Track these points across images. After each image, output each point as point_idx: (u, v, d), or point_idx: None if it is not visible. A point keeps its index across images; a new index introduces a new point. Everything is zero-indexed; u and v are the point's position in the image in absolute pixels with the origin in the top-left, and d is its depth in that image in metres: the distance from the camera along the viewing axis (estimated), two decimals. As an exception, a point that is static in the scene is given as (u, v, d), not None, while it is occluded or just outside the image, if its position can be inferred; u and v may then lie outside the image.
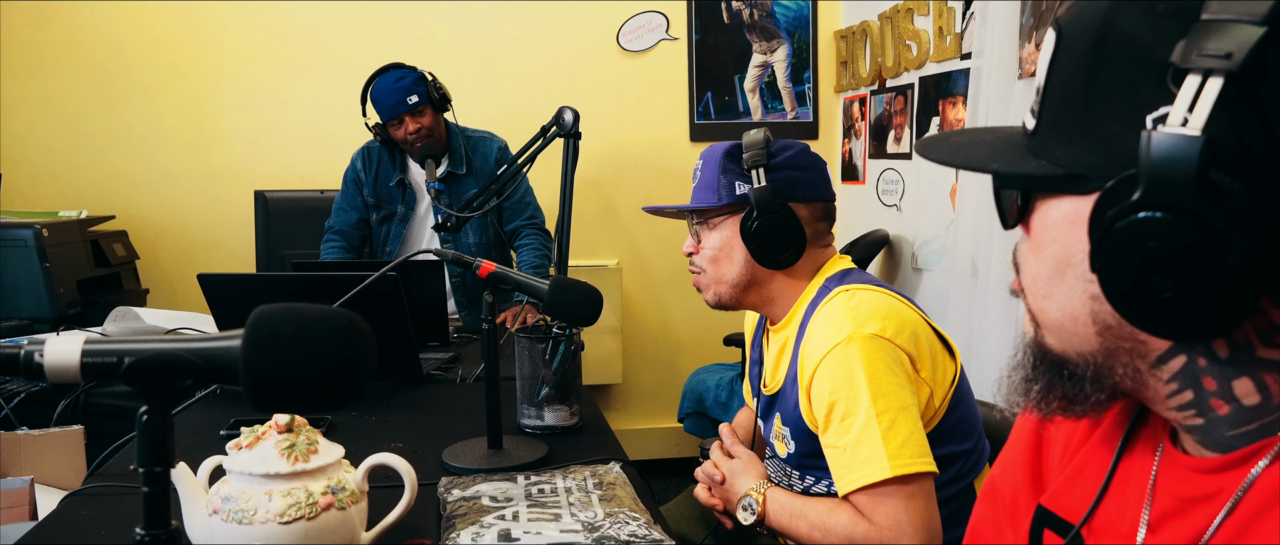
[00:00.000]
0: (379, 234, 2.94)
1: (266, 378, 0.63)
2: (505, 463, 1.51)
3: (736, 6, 3.80)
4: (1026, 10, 2.56)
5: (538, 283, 1.53)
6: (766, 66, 3.86)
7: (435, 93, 2.76)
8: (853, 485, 1.28)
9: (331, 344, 0.64)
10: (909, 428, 1.27)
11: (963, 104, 2.97)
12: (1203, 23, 0.55)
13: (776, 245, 1.43)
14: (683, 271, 3.84)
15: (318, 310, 0.65)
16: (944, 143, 0.76)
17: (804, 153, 1.47)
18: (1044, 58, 0.66)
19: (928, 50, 3.16)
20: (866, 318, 1.31)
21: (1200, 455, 0.66)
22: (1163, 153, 0.55)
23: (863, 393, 1.27)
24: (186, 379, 0.64)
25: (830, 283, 1.44)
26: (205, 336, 0.65)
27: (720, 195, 1.47)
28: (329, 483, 1.09)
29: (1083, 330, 0.66)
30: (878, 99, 3.55)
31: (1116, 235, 0.58)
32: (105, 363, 0.63)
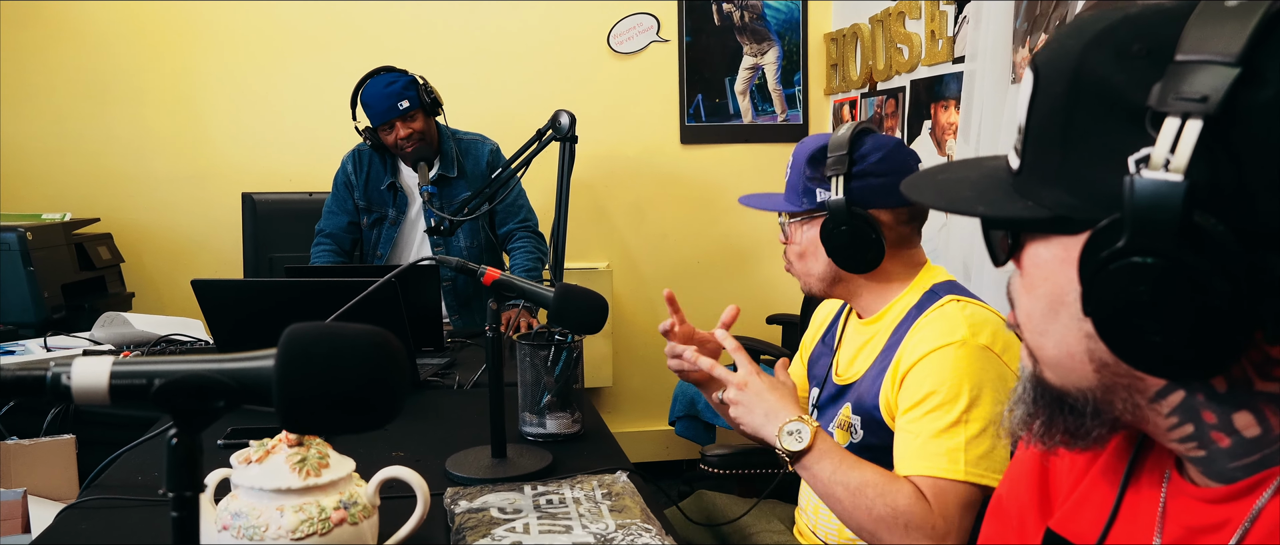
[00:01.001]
0: (370, 237, 2.91)
1: (300, 399, 0.61)
2: (510, 472, 1.50)
3: (727, 8, 3.80)
4: (1020, 14, 2.57)
5: (543, 290, 1.52)
6: (757, 69, 3.85)
7: (427, 97, 2.74)
8: (921, 470, 1.28)
9: (366, 363, 0.62)
10: (991, 442, 1.27)
11: (955, 108, 2.98)
12: (1176, 64, 0.55)
13: (854, 253, 1.42)
14: (674, 274, 3.86)
15: (352, 329, 0.63)
16: (929, 183, 0.76)
17: (891, 155, 1.42)
18: (1023, 98, 0.66)
19: (919, 54, 3.16)
20: (981, 328, 1.32)
21: (1206, 484, 0.67)
22: (1146, 197, 0.55)
23: (964, 395, 1.27)
24: (218, 400, 0.62)
25: (940, 289, 1.43)
26: (236, 356, 0.63)
27: (801, 201, 1.48)
28: (341, 498, 1.07)
29: (1080, 367, 0.66)
30: (868, 102, 3.56)
31: (1106, 278, 0.58)
32: (135, 385, 0.61)
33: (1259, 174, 0.54)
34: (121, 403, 0.62)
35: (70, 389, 0.61)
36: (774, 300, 3.79)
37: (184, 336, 2.31)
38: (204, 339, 2.33)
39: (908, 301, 1.44)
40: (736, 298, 3.86)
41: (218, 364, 0.63)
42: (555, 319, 1.52)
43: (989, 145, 2.66)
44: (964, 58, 2.84)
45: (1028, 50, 2.52)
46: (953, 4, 2.97)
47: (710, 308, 3.75)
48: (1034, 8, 2.51)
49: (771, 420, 1.34)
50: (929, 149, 3.14)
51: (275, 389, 0.61)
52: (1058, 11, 2.41)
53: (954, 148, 2.99)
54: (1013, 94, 2.59)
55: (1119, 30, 0.60)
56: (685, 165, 3.86)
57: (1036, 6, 2.50)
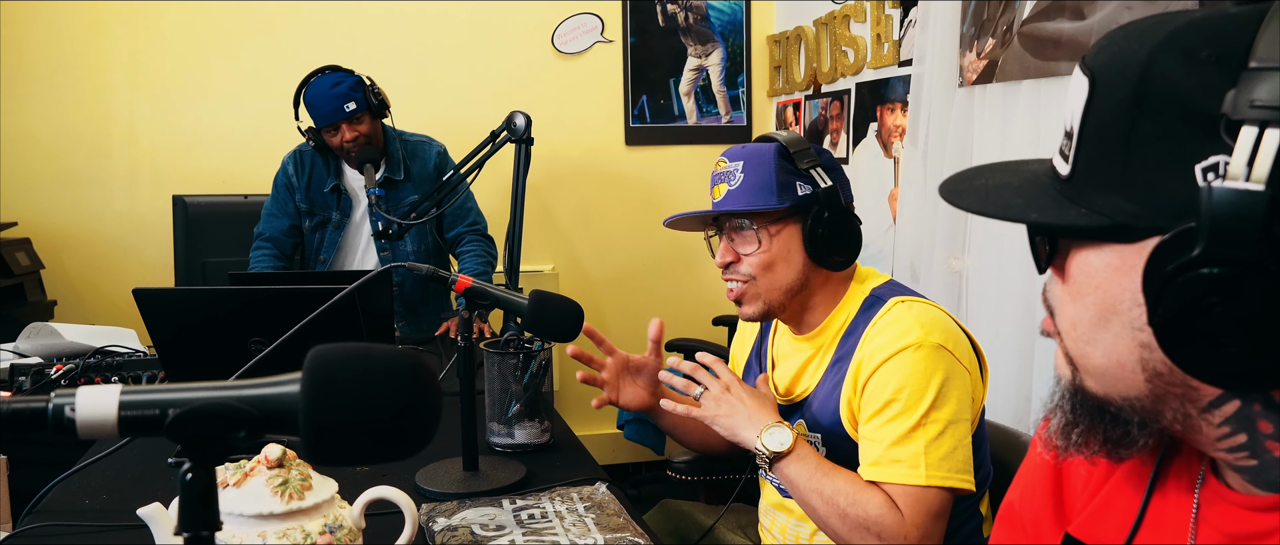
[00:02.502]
0: (312, 241, 2.82)
1: (329, 427, 0.57)
2: (484, 486, 1.46)
3: (671, 9, 3.78)
4: (967, 18, 2.61)
5: (518, 298, 1.47)
6: (701, 70, 3.85)
7: (374, 98, 2.66)
8: (883, 477, 1.27)
9: (401, 389, 0.58)
10: (953, 442, 1.27)
11: (901, 110, 3.01)
12: (1250, 71, 0.54)
13: (839, 245, 1.40)
14: (621, 276, 3.83)
15: (381, 350, 0.59)
16: (969, 188, 0.74)
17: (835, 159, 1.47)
18: (1076, 104, 0.65)
19: (865, 56, 3.19)
20: (933, 328, 1.31)
21: (1248, 492, 0.66)
22: (1225, 207, 0.54)
23: (926, 397, 1.27)
24: (239, 430, 0.57)
25: (881, 292, 1.42)
26: (257, 382, 0.58)
27: (781, 198, 1.39)
28: (326, 521, 1.02)
29: (1130, 376, 0.65)
30: (813, 104, 3.58)
31: (1176, 289, 0.57)
32: (146, 416, 0.56)
33: None
34: (131, 435, 0.56)
35: (74, 423, 0.55)
36: (721, 301, 3.78)
37: (121, 348, 2.20)
38: (142, 350, 2.22)
39: (848, 310, 1.43)
40: (683, 299, 3.87)
41: (237, 391, 0.58)
42: (529, 326, 1.48)
43: (937, 147, 2.70)
44: (910, 61, 2.88)
45: (975, 54, 2.56)
46: (898, 8, 3.01)
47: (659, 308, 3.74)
48: (981, 11, 2.55)
49: (754, 423, 1.35)
50: (875, 151, 3.17)
51: (303, 418, 0.57)
52: (1005, 16, 2.45)
53: (900, 150, 3.02)
54: (960, 97, 2.63)
55: (1187, 35, 0.59)
56: (630, 166, 3.83)
57: (983, 10, 2.54)
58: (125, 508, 1.39)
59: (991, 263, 2.53)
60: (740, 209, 1.41)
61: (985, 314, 2.53)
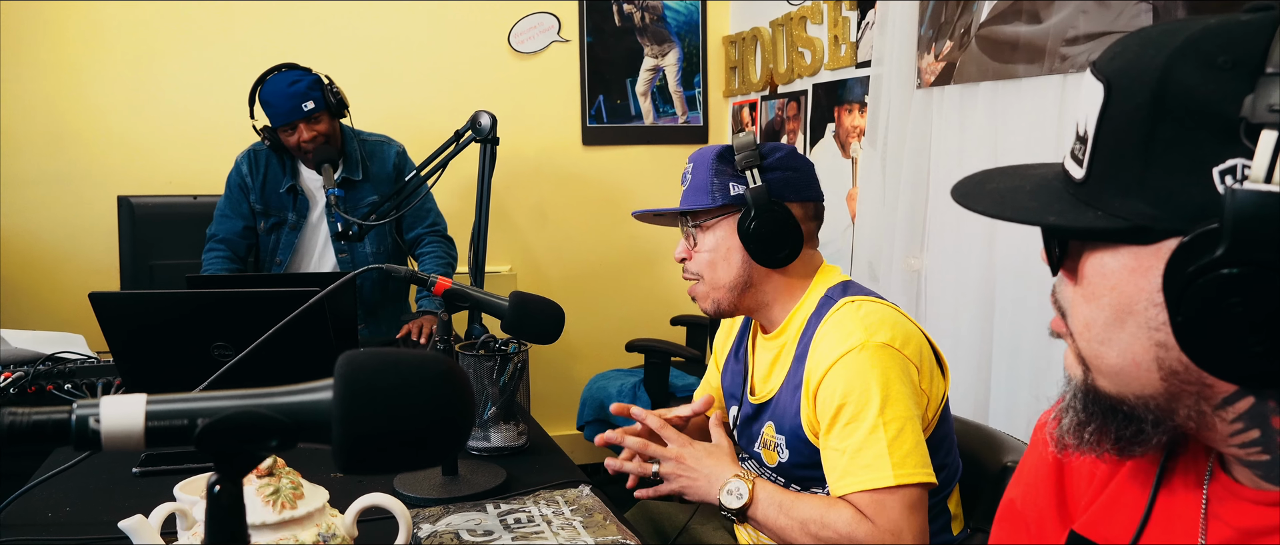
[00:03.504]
0: (267, 243, 2.75)
1: (364, 435, 0.55)
2: (465, 491, 1.44)
3: (628, 9, 3.78)
4: (925, 21, 2.65)
5: (497, 300, 1.46)
6: (658, 70, 3.85)
7: (332, 97, 2.61)
8: (854, 487, 1.28)
9: (437, 396, 0.57)
10: (914, 438, 1.28)
11: (859, 111, 3.05)
12: (1268, 76, 0.56)
13: (774, 244, 1.42)
14: (578, 276, 3.82)
15: (415, 356, 0.58)
16: (981, 193, 0.75)
17: (793, 154, 1.47)
18: (1091, 109, 0.66)
19: (822, 58, 3.22)
20: (877, 327, 1.32)
21: (1258, 487, 0.68)
22: (1248, 209, 0.56)
23: (873, 399, 1.28)
24: (270, 440, 0.55)
25: (833, 293, 1.44)
26: (286, 390, 0.56)
27: (714, 197, 1.45)
28: (319, 530, 0.99)
29: (1145, 375, 0.66)
30: (769, 104, 3.61)
31: (1197, 289, 0.58)
32: (174, 426, 0.54)
33: None
34: (159, 445, 0.54)
35: (99, 435, 0.53)
36: (679, 301, 3.80)
37: (72, 354, 2.12)
38: (92, 356, 2.14)
39: (807, 309, 1.45)
40: (641, 299, 3.87)
41: (266, 399, 0.56)
42: (511, 328, 1.46)
43: (896, 148, 2.73)
44: (868, 62, 2.91)
45: (933, 56, 2.61)
46: (855, 10, 3.04)
47: (616, 310, 3.76)
48: (939, 14, 2.59)
49: (713, 483, 1.39)
50: (833, 152, 3.21)
51: (336, 426, 0.55)
52: (962, 19, 2.49)
53: (858, 150, 3.06)
54: (919, 99, 2.67)
55: (1203, 42, 0.60)
56: (588, 166, 3.82)
57: (941, 13, 2.59)
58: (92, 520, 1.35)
59: (949, 262, 2.58)
60: (681, 209, 1.50)
61: (944, 312, 2.57)
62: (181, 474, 1.50)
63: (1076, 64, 2.09)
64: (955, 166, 2.53)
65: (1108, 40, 2.00)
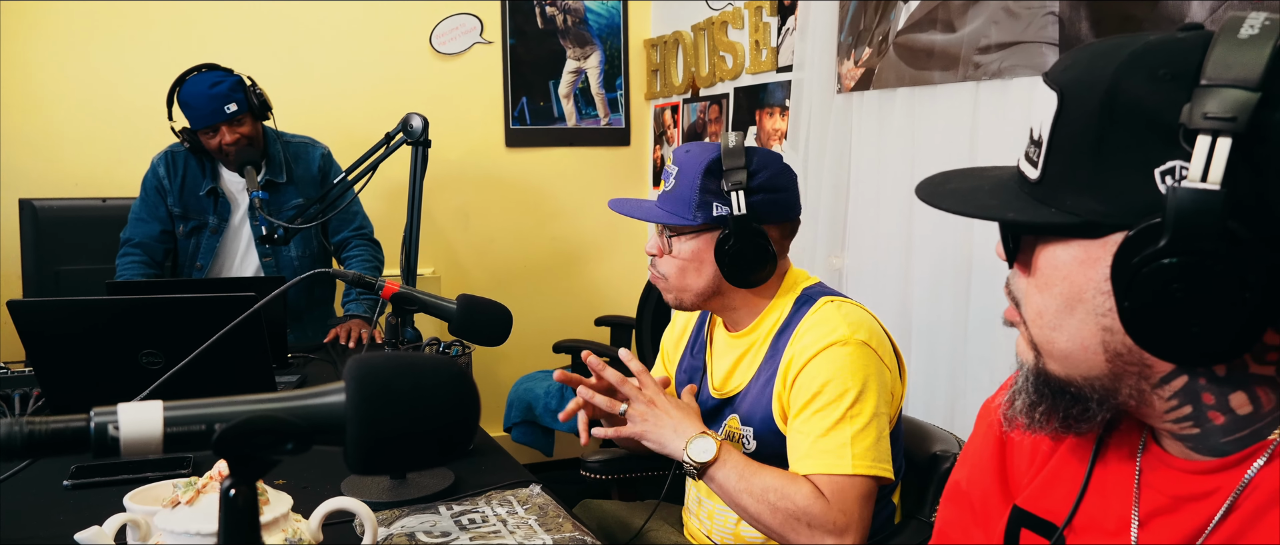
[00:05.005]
0: (186, 247, 2.68)
1: (381, 437, 0.57)
2: (415, 493, 1.44)
3: (550, 11, 3.79)
4: (844, 28, 2.74)
5: (445, 302, 1.47)
6: (580, 72, 3.88)
7: (255, 99, 2.55)
8: (813, 468, 1.34)
9: (451, 396, 0.59)
10: (876, 433, 1.34)
11: (780, 114, 3.13)
12: (1202, 87, 0.63)
13: (749, 267, 1.44)
14: (503, 278, 3.81)
15: (427, 359, 0.60)
16: (945, 192, 0.80)
17: (780, 174, 1.47)
18: (1046, 115, 0.72)
19: (743, 62, 3.30)
20: (859, 326, 1.39)
21: (1187, 457, 0.75)
22: (1188, 205, 0.62)
23: (850, 391, 1.34)
24: (286, 443, 0.57)
25: (812, 293, 1.48)
26: (300, 393, 0.58)
27: (696, 214, 1.45)
28: (286, 536, 0.99)
29: (1092, 358, 0.72)
30: (691, 108, 3.67)
31: (1143, 278, 0.65)
32: (192, 432, 0.55)
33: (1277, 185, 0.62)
34: (176, 450, 0.55)
35: (119, 441, 0.54)
36: (602, 302, 3.83)
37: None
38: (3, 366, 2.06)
39: (781, 310, 1.50)
40: (566, 300, 3.89)
41: (282, 403, 0.57)
42: (459, 331, 1.47)
43: (817, 151, 2.82)
44: (789, 67, 3.00)
45: (852, 62, 2.70)
46: (776, 16, 3.12)
47: (540, 311, 3.77)
48: (858, 21, 2.69)
49: (679, 434, 1.41)
50: (755, 153, 3.28)
51: (352, 428, 0.57)
52: (880, 27, 2.59)
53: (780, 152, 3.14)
54: (839, 104, 2.76)
55: (1147, 56, 0.67)
56: (511, 168, 3.82)
57: (860, 20, 2.68)
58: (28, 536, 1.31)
59: (868, 260, 2.67)
60: (660, 220, 1.49)
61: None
62: (115, 486, 1.47)
63: (988, 71, 2.20)
64: (874, 169, 2.63)
65: (1017, 49, 2.12)
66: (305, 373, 2.25)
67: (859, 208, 2.72)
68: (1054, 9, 2.02)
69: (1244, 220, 0.62)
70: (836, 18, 2.77)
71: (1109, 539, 0.80)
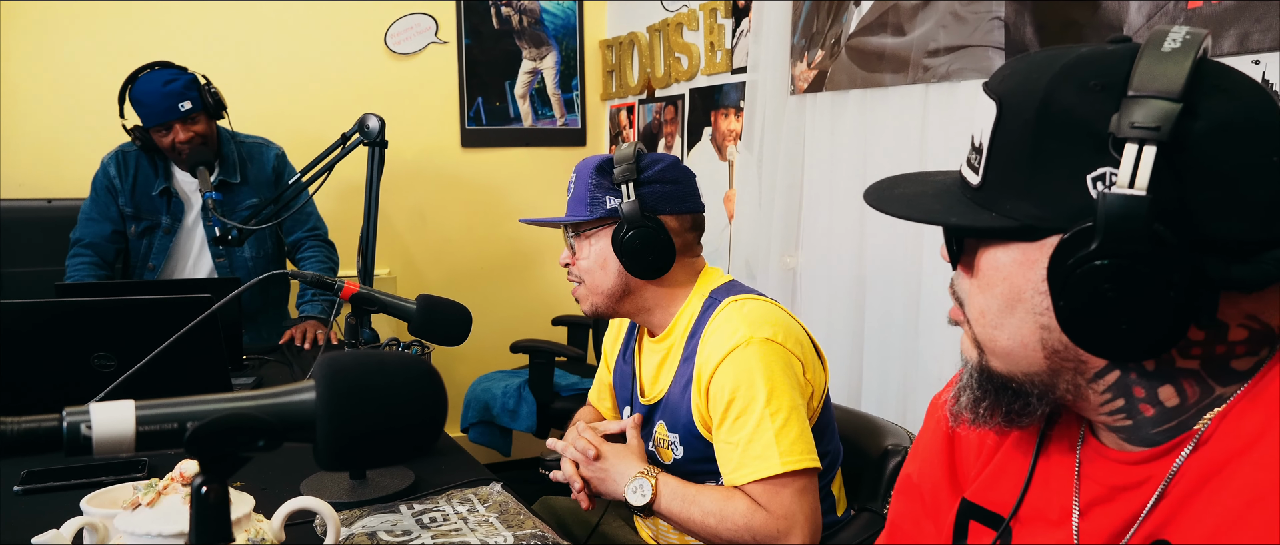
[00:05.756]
0: (138, 247, 2.64)
1: (352, 434, 0.59)
2: (375, 493, 1.44)
3: (506, 12, 3.79)
4: (797, 31, 2.79)
5: (405, 303, 1.47)
6: (536, 73, 3.88)
7: (210, 98, 2.52)
8: (747, 478, 1.36)
9: (421, 393, 0.61)
10: (799, 426, 1.37)
11: (735, 115, 3.17)
12: (1129, 98, 0.66)
13: (647, 257, 1.48)
14: (459, 278, 3.81)
15: (396, 357, 0.61)
16: (892, 197, 0.83)
17: (673, 166, 1.52)
18: (985, 124, 0.75)
19: (698, 63, 3.33)
20: (760, 323, 1.40)
21: (1121, 449, 0.79)
22: (1116, 209, 0.65)
23: (759, 391, 1.36)
24: (258, 441, 0.58)
25: (718, 294, 1.50)
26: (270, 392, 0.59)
27: (591, 209, 1.50)
28: (248, 536, 1.00)
29: (1032, 355, 0.76)
30: (646, 108, 3.70)
31: (1076, 279, 0.68)
32: (165, 430, 0.56)
33: (1197, 191, 0.66)
34: (148, 449, 0.56)
35: (91, 440, 0.54)
36: (559, 302, 3.84)
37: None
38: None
39: (692, 311, 1.53)
40: (522, 301, 3.90)
41: (254, 401, 0.59)
42: (419, 331, 1.48)
43: (771, 151, 2.86)
44: (743, 68, 3.04)
45: (805, 64, 2.75)
46: (730, 18, 3.16)
47: (497, 310, 3.77)
48: (811, 24, 2.73)
49: (620, 482, 1.46)
50: (710, 155, 3.32)
51: (323, 425, 0.58)
52: (833, 30, 2.64)
53: (734, 153, 3.18)
54: (792, 105, 2.80)
55: (1078, 68, 0.70)
56: (467, 168, 3.81)
57: (813, 23, 2.73)
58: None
59: (821, 259, 2.72)
60: (561, 220, 1.56)
61: (818, 306, 2.71)
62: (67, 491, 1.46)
63: (937, 74, 2.25)
64: (827, 170, 2.67)
65: (965, 53, 2.18)
66: (261, 375, 2.23)
67: (812, 208, 2.76)
68: (1000, 14, 2.08)
69: (1168, 224, 0.65)
70: (790, 20, 2.81)
71: (1052, 529, 0.84)
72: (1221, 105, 0.67)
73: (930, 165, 2.22)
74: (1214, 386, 0.73)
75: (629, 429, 1.54)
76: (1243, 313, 0.71)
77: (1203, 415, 0.73)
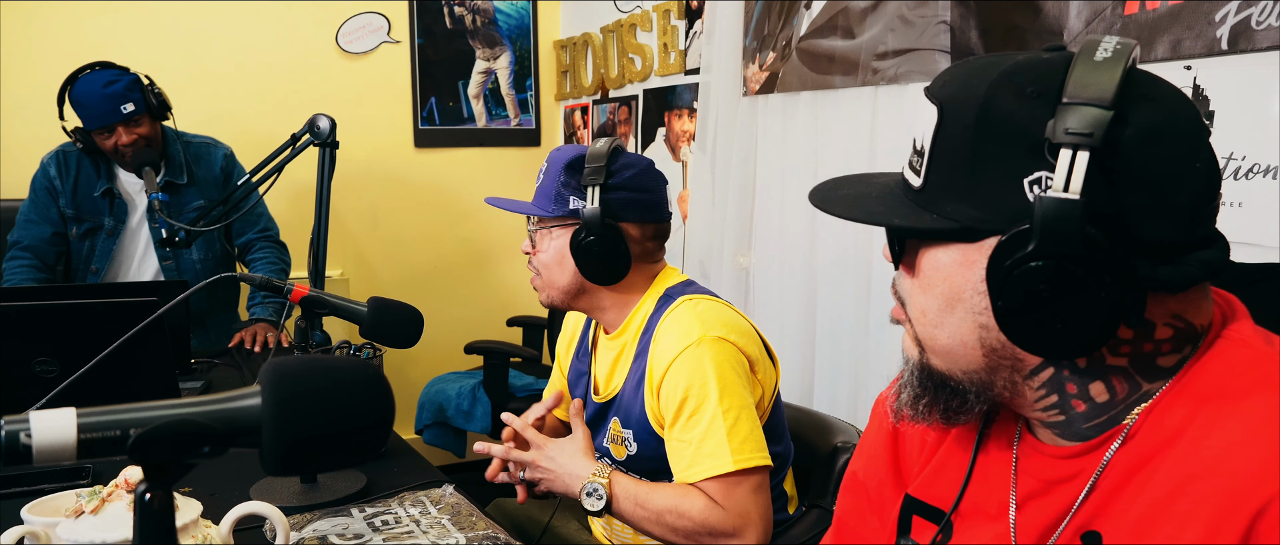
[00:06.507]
0: (80, 250, 2.58)
1: (298, 438, 0.59)
2: (327, 497, 1.44)
3: (459, 11, 3.77)
4: (749, 33, 2.82)
5: (356, 305, 1.47)
6: (490, 73, 3.87)
7: (154, 99, 2.48)
8: (699, 476, 1.37)
9: (367, 397, 0.61)
10: (750, 424, 1.38)
11: (689, 116, 3.19)
12: (1064, 105, 0.68)
13: (603, 263, 1.47)
14: (413, 279, 3.79)
15: (342, 361, 0.61)
16: (836, 198, 0.85)
17: (644, 173, 1.50)
18: (927, 128, 0.77)
19: (652, 64, 3.35)
20: (713, 323, 1.42)
21: (1056, 444, 0.81)
22: (1052, 212, 0.68)
23: (711, 390, 1.37)
24: (203, 447, 0.58)
25: (672, 292, 1.51)
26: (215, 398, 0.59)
27: (555, 205, 1.49)
28: (195, 542, 0.99)
29: (970, 352, 0.78)
30: (601, 109, 3.70)
31: (1016, 278, 0.70)
32: (107, 438, 0.55)
33: (1126, 194, 0.69)
34: (90, 457, 0.56)
35: (31, 449, 0.54)
36: (514, 302, 3.83)
37: None
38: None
39: (646, 310, 1.54)
40: (477, 301, 3.88)
41: (197, 407, 0.58)
42: (370, 333, 1.47)
43: (724, 152, 2.89)
44: (697, 70, 3.06)
45: (757, 66, 2.77)
46: (683, 19, 3.18)
47: (452, 311, 3.75)
48: (762, 27, 2.76)
49: (572, 482, 1.44)
50: (664, 155, 3.34)
51: (269, 430, 0.58)
52: (784, 32, 2.67)
53: (688, 154, 3.20)
54: (744, 106, 2.83)
55: (1015, 75, 0.73)
56: (420, 169, 3.79)
57: (764, 25, 2.75)
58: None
59: (774, 259, 2.75)
60: (521, 209, 1.55)
61: (771, 305, 2.74)
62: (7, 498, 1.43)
63: (886, 77, 2.29)
64: (780, 170, 2.70)
65: (912, 56, 2.22)
66: (210, 378, 2.20)
67: (765, 208, 2.79)
68: (946, 17, 2.12)
69: (1100, 227, 0.68)
70: (742, 22, 2.84)
71: (990, 522, 0.86)
72: (1149, 113, 0.69)
73: (880, 166, 2.26)
74: (1141, 382, 0.75)
75: (573, 418, 1.53)
76: (1168, 312, 0.73)
77: (1131, 410, 0.76)
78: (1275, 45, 1.53)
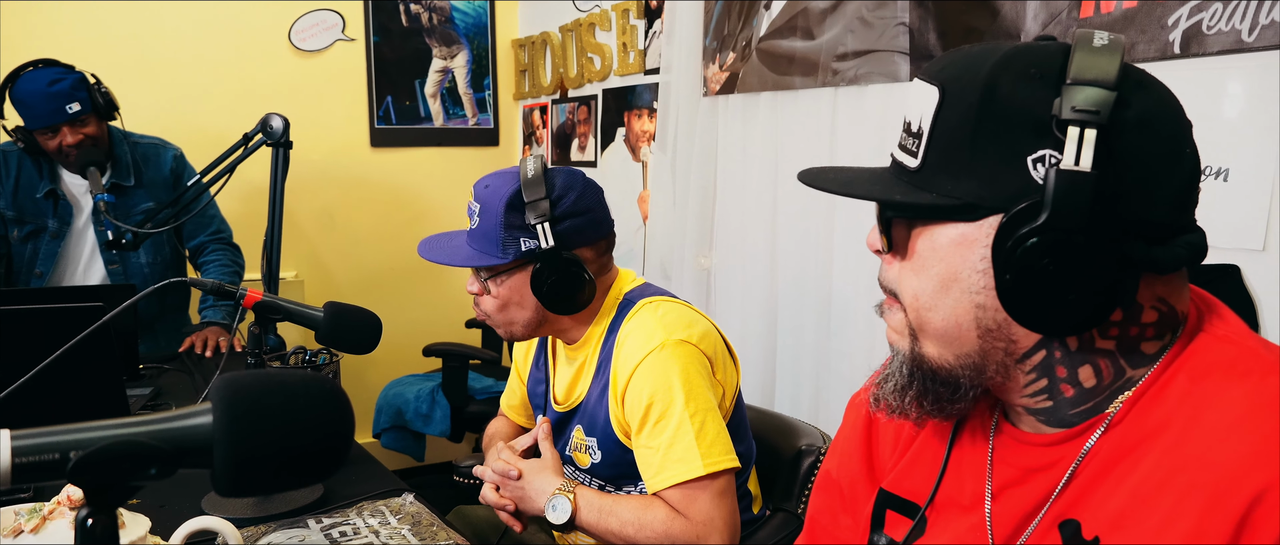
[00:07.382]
0: (22, 252, 2.50)
1: (251, 458, 0.56)
2: (281, 508, 1.40)
3: (415, 9, 3.72)
4: (709, 33, 2.81)
5: (312, 310, 1.43)
6: (447, 72, 3.83)
7: (100, 98, 2.41)
8: (667, 482, 1.36)
9: (323, 413, 0.58)
10: (716, 427, 1.37)
11: (649, 116, 3.17)
12: (1069, 85, 0.70)
13: (569, 294, 1.44)
14: (369, 281, 3.74)
15: (297, 376, 0.59)
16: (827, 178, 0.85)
17: (583, 194, 1.46)
18: (926, 108, 0.77)
19: (611, 64, 3.33)
20: (674, 326, 1.41)
21: (1037, 432, 0.82)
22: (1063, 186, 0.69)
23: (677, 395, 1.36)
24: (149, 469, 0.55)
25: (632, 296, 1.49)
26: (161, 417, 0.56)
27: (504, 251, 1.43)
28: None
29: (965, 335, 0.78)
30: (560, 108, 3.68)
31: (1023, 253, 0.71)
32: (45, 461, 0.53)
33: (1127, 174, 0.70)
34: (29, 481, 0.53)
35: (-38, 474, 0.51)
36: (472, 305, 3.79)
37: None
38: None
39: (606, 319, 1.52)
40: (435, 303, 3.84)
41: (143, 427, 0.56)
42: (327, 339, 1.44)
43: (685, 152, 2.88)
44: (656, 69, 3.04)
45: (717, 66, 2.77)
46: (643, 19, 3.16)
47: (409, 313, 3.71)
48: (722, 27, 2.75)
49: (539, 499, 1.44)
50: (624, 155, 3.32)
51: (221, 449, 0.56)
52: (743, 33, 2.67)
53: (648, 154, 3.19)
54: (705, 106, 2.82)
55: (1017, 59, 0.74)
56: (376, 169, 3.73)
57: (724, 26, 2.75)
58: None
59: (736, 259, 2.75)
60: (470, 263, 1.47)
61: (733, 306, 2.74)
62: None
63: (846, 78, 2.29)
64: (740, 170, 2.70)
65: (872, 57, 2.22)
66: (159, 384, 2.14)
67: (726, 208, 2.79)
68: (904, 19, 2.13)
69: (1102, 204, 0.69)
70: (702, 22, 2.83)
71: (965, 514, 0.86)
72: (1144, 98, 0.72)
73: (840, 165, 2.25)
74: (1125, 368, 0.76)
75: (541, 439, 1.53)
76: (1155, 295, 0.75)
77: (1114, 398, 0.76)
78: (1225, 49, 1.55)
